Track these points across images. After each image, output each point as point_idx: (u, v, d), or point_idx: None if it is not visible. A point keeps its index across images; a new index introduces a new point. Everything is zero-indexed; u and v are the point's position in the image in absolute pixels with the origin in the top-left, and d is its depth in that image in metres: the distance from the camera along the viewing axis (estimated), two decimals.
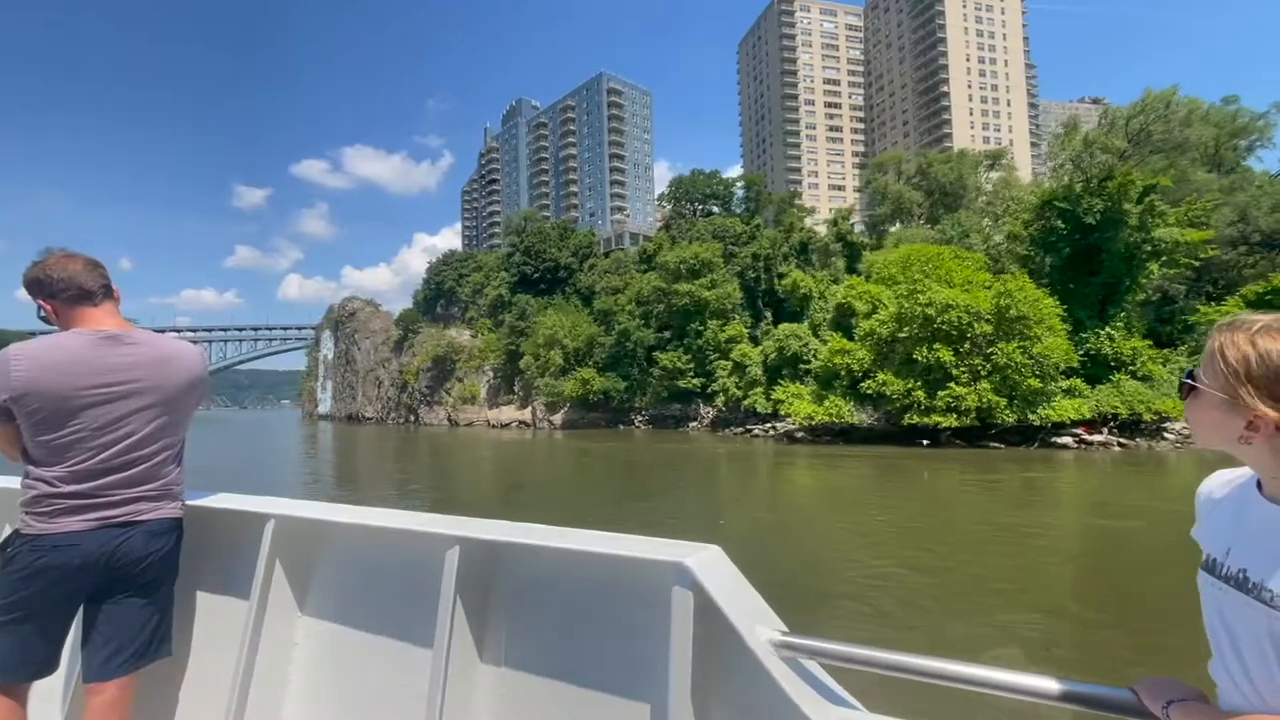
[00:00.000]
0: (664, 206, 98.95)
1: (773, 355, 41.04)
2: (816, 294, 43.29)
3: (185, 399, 2.05)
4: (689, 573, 1.39)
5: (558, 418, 55.04)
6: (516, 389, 64.65)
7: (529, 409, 59.04)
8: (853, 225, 66.13)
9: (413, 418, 74.60)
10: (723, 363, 47.01)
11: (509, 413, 61.46)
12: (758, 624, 1.36)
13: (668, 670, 1.40)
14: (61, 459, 1.85)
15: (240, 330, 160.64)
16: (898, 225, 55.96)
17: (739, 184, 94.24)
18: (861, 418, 32.61)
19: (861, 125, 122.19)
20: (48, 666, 1.88)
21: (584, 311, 64.23)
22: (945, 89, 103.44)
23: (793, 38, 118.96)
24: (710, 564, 1.43)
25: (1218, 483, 1.03)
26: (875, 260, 36.98)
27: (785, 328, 41.35)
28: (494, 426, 61.08)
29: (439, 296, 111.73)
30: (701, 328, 49.47)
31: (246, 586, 2.10)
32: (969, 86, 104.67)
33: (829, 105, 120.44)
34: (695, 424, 48.94)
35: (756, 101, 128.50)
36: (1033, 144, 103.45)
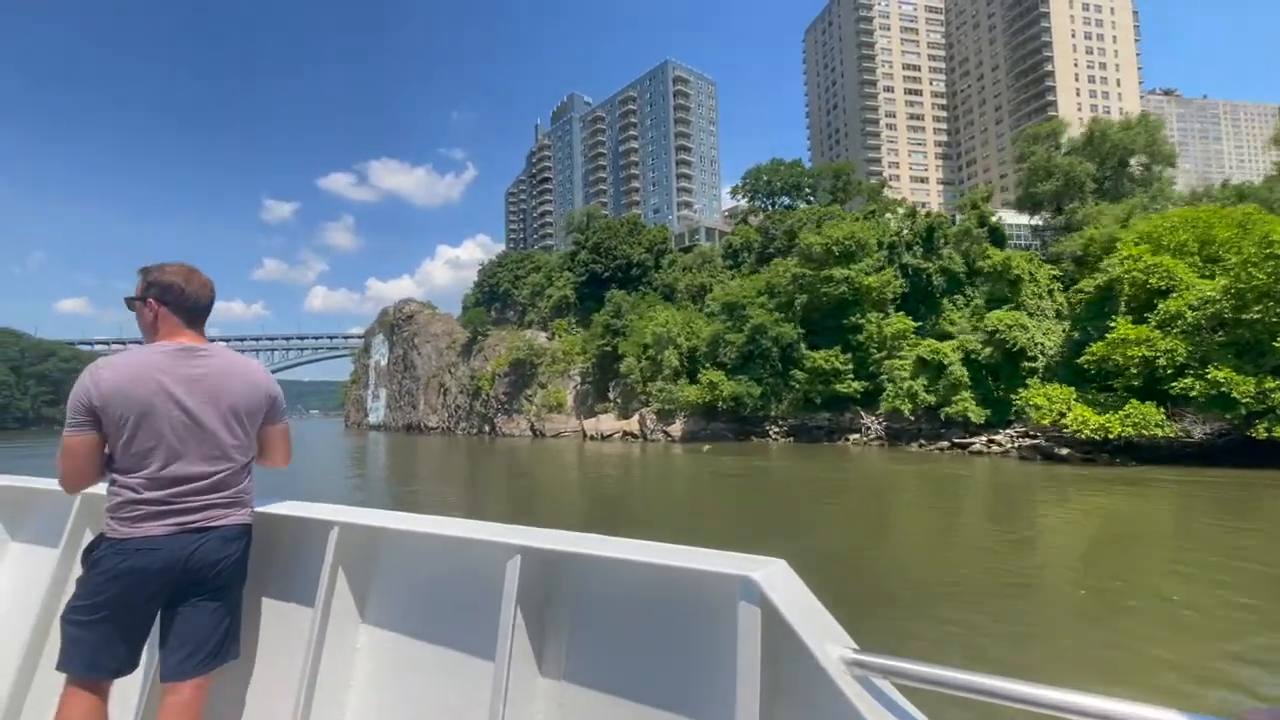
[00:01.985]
0: (738, 200, 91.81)
1: (985, 351, 32.83)
2: (1028, 275, 35.00)
3: (255, 412, 2.15)
4: (756, 586, 1.35)
5: (675, 428, 47.27)
6: (612, 395, 57.11)
7: (635, 418, 51.39)
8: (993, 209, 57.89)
9: (487, 428, 67.42)
10: (894, 362, 38.88)
11: (608, 422, 53.86)
12: (828, 641, 1.29)
13: (734, 688, 1.35)
14: (142, 466, 1.94)
15: (272, 340, 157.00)
16: (1076, 203, 47.37)
17: (824, 174, 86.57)
18: (1178, 429, 24.30)
19: (944, 113, 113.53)
20: (129, 665, 1.96)
21: (690, 307, 56.59)
22: (1050, 68, 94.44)
23: (870, 20, 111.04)
24: (777, 578, 1.38)
25: None
26: (1152, 225, 28.65)
27: (998, 316, 33.09)
28: (592, 438, 53.51)
29: (493, 299, 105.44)
30: (862, 321, 41.44)
31: (311, 593, 2.12)
32: (1074, 65, 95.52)
33: (909, 92, 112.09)
34: (857, 436, 40.75)
35: (828, 90, 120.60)
36: None
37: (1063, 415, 26.17)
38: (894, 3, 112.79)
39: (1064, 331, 32.61)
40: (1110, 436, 24.55)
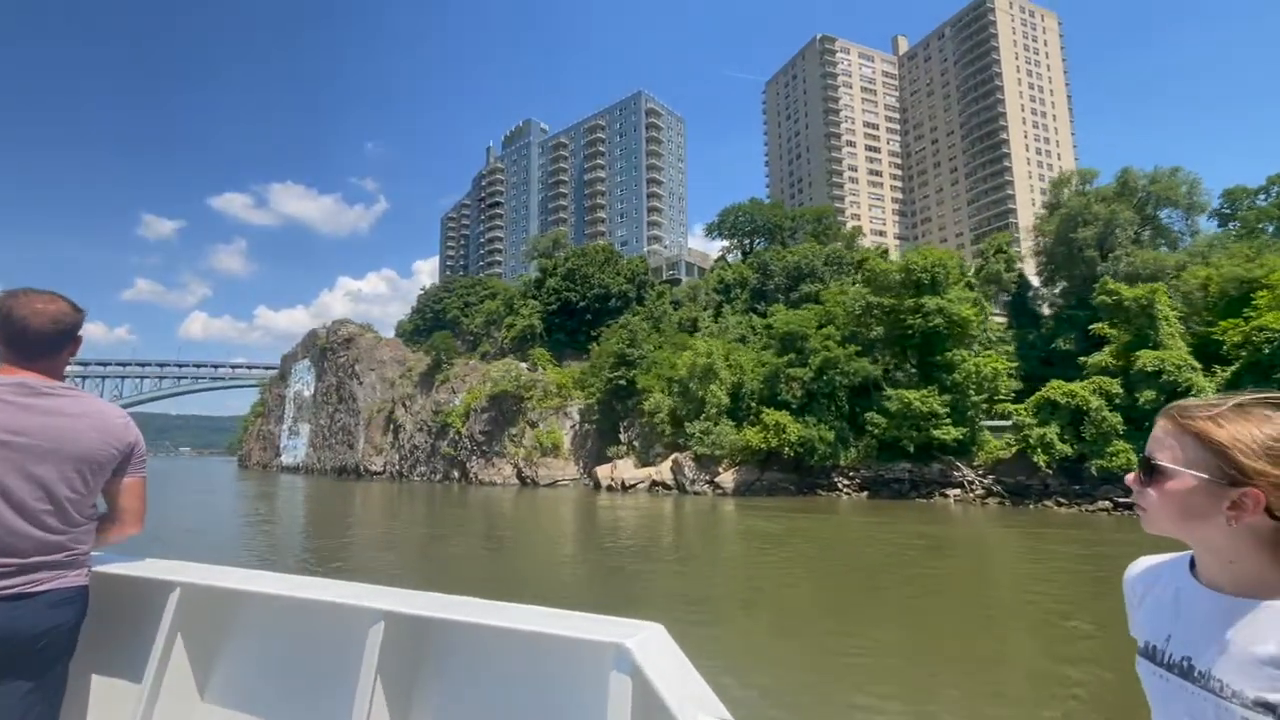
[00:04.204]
0: (714, 238, 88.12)
1: (1147, 396, 28.48)
2: (1162, 313, 31.57)
3: (102, 465, 1.83)
4: (628, 655, 1.32)
5: (727, 478, 39.73)
6: (626, 437, 48.72)
7: (666, 464, 43.32)
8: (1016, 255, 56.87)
9: (456, 473, 56.20)
10: (1013, 406, 34.08)
11: (628, 468, 45.31)
12: (700, 712, 1.27)
13: None
14: None
15: (143, 366, 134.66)
16: (1119, 250, 46.23)
17: (805, 216, 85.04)
18: None
19: (899, 171, 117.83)
20: None
21: (716, 338, 50.04)
22: (1005, 135, 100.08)
23: (835, 77, 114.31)
24: (651, 645, 1.36)
25: (1142, 569, 1.06)
26: None
27: (1160, 356, 29.05)
28: (610, 488, 44.63)
29: (437, 327, 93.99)
30: (957, 358, 36.59)
31: (142, 665, 1.88)
32: (1025, 136, 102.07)
33: (869, 149, 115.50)
34: (958, 492, 35.21)
35: (790, 140, 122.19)
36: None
37: None
38: (855, 64, 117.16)
39: (1219, 374, 29.04)
40: None
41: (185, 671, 1.92)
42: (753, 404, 42.75)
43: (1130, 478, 0.96)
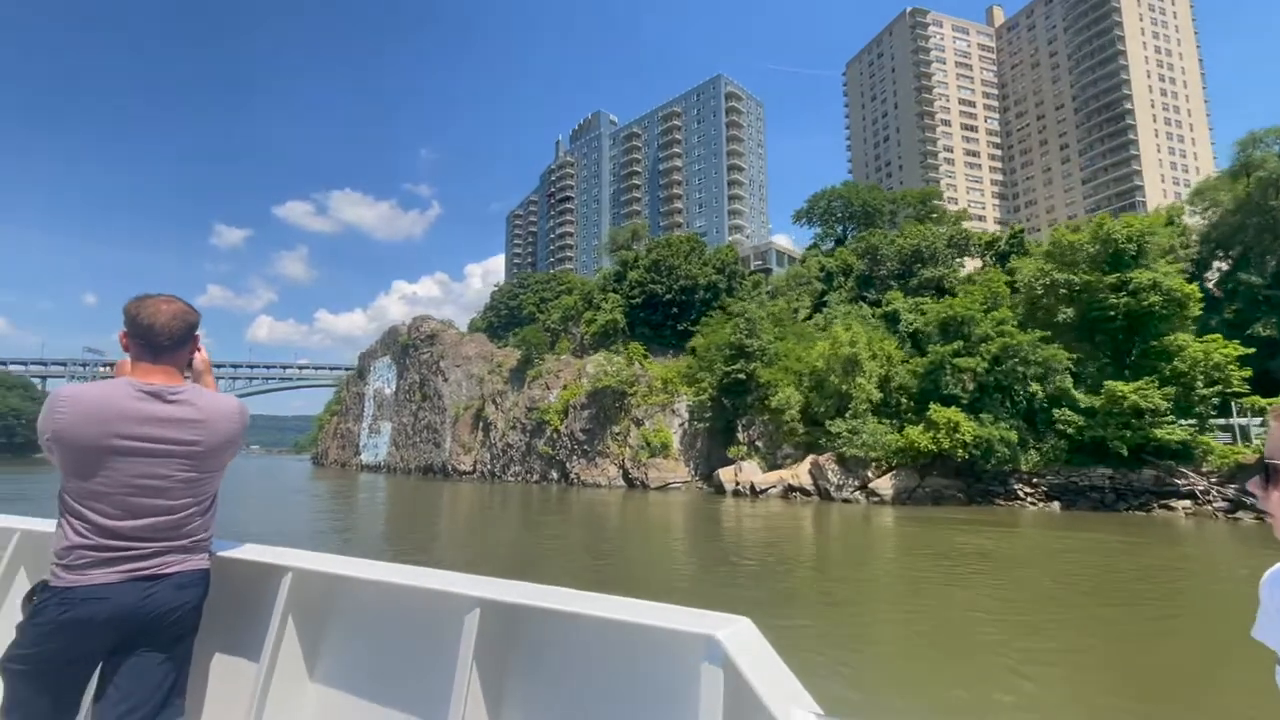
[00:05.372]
0: (801, 225, 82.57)
1: None
2: None
3: (218, 455, 2.02)
4: (720, 647, 1.33)
5: (883, 483, 34.60)
6: (745, 437, 44.12)
7: (802, 467, 38.50)
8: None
9: (555, 474, 52.87)
10: (1263, 400, 27.78)
11: (753, 470, 40.69)
12: (793, 705, 1.26)
13: None
14: (92, 508, 1.82)
15: (218, 367, 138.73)
16: None
17: (907, 199, 78.63)
18: None
19: (998, 151, 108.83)
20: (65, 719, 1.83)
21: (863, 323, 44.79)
22: (1129, 105, 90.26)
23: (927, 53, 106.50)
24: (742, 638, 1.37)
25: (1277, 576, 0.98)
26: None
27: None
28: (737, 492, 40.15)
29: (512, 324, 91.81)
30: (1177, 342, 30.39)
31: (258, 645, 2.00)
32: (1152, 106, 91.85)
33: (965, 128, 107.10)
34: (1187, 503, 29.04)
35: (876, 123, 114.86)
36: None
37: None
38: (949, 37, 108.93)
39: None
40: None
41: (296, 652, 2.00)
42: (902, 399, 37.50)
43: (1251, 483, 0.88)
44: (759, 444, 43.10)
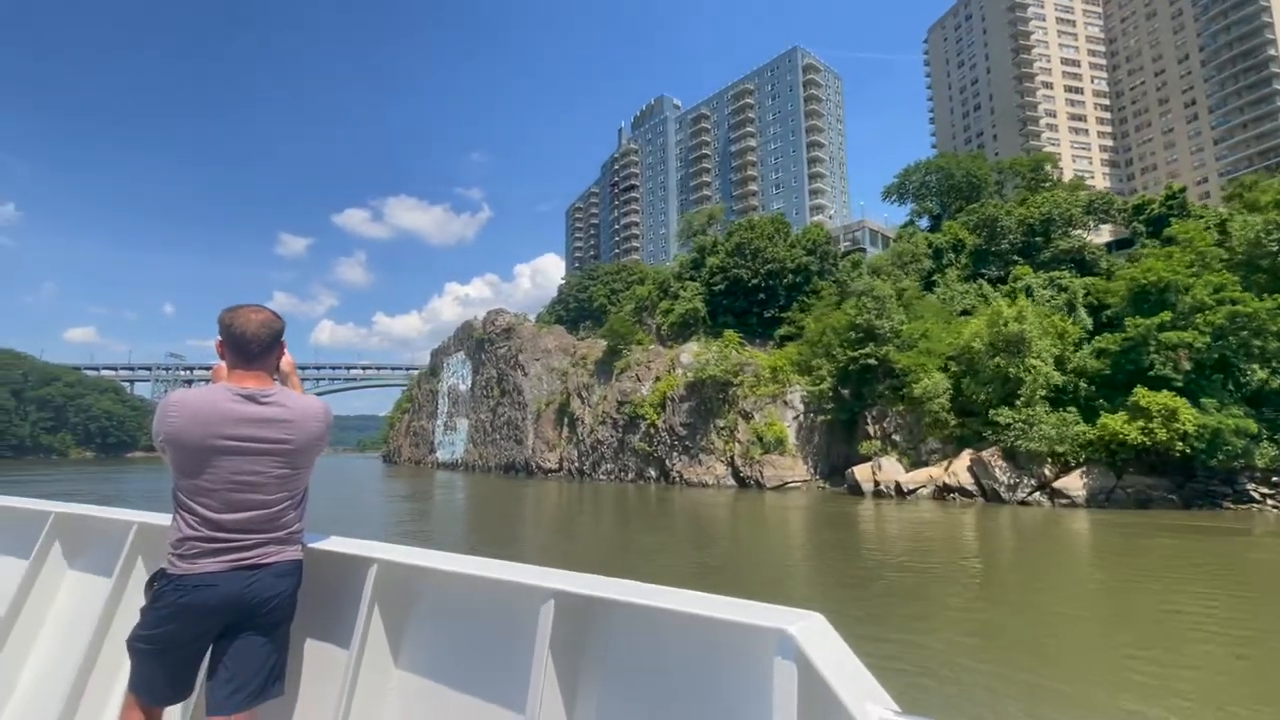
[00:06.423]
0: (892, 202, 76.24)
1: None
2: None
3: (308, 452, 2.16)
4: (792, 641, 1.33)
5: (1072, 483, 29.03)
6: (875, 430, 39.00)
7: (957, 464, 33.20)
8: None
9: (654, 472, 48.97)
10: None
11: (896, 470, 35.60)
12: (868, 701, 1.24)
13: None
14: (201, 504, 1.98)
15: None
16: None
17: (1017, 167, 71.20)
18: None
19: (1107, 114, 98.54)
20: (183, 695, 2.02)
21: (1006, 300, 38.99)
22: (1273, 52, 79.36)
23: (1024, 8, 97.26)
24: (815, 633, 1.36)
25: None
26: None
27: None
28: (881, 492, 35.19)
29: (583, 316, 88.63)
30: None
31: (348, 632, 2.10)
32: None
33: (1070, 89, 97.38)
34: None
35: (965, 90, 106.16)
36: None
37: None
38: None
39: None
40: None
41: (382, 640, 2.09)
42: (1080, 383, 31.74)
43: None
44: (895, 438, 37.92)
